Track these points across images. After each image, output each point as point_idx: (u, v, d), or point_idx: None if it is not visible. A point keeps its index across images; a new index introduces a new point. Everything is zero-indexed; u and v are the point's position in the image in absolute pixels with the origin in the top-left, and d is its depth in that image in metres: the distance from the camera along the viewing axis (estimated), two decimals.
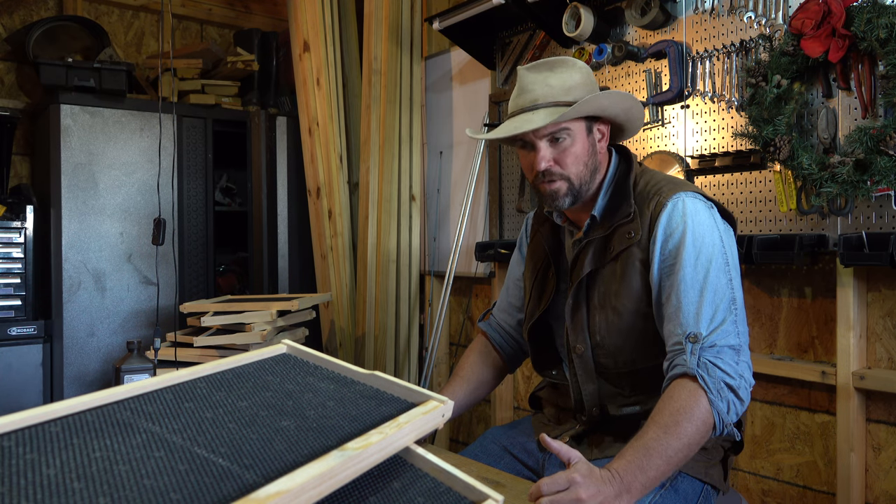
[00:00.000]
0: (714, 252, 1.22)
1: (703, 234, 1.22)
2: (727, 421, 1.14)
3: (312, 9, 2.95)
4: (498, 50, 2.60)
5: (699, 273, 1.20)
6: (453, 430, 2.95)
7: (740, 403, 1.16)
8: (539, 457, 1.43)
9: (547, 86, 1.30)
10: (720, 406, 1.13)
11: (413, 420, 0.81)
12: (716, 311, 1.18)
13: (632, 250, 1.28)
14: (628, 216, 1.29)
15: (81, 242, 2.75)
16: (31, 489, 0.59)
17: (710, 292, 1.19)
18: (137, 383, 0.83)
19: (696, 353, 1.15)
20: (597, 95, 1.29)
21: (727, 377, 1.14)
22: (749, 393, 1.18)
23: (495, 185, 2.63)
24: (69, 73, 2.69)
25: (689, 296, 1.19)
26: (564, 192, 1.31)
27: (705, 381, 1.13)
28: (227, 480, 0.64)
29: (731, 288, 1.22)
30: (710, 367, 1.14)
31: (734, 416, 1.15)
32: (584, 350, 1.33)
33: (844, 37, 1.58)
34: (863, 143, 1.54)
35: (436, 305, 2.83)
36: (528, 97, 1.31)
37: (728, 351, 1.17)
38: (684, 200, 1.26)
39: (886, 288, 1.67)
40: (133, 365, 2.29)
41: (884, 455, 1.68)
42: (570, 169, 1.30)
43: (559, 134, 1.29)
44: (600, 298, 1.31)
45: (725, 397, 1.14)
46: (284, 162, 3.20)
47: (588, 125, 1.32)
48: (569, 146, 1.30)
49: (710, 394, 1.13)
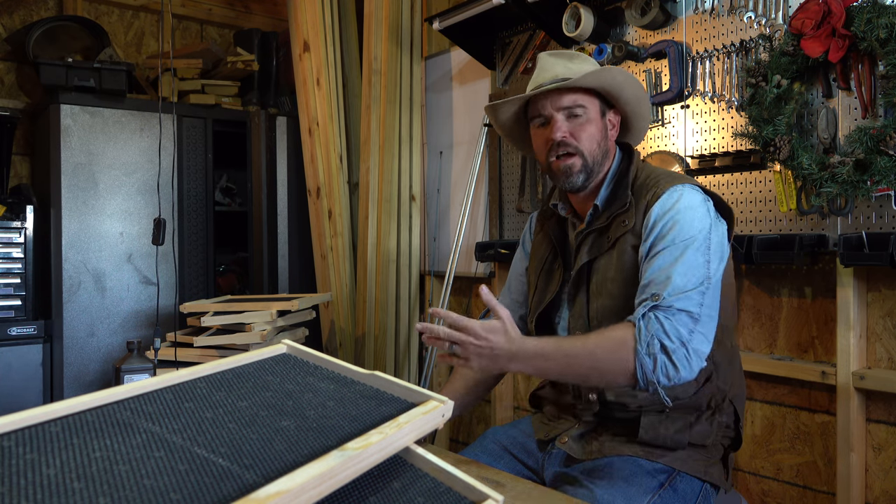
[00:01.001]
0: (697, 235, 1.24)
1: (691, 220, 1.25)
2: (650, 378, 1.16)
3: (312, 9, 2.95)
4: (498, 50, 2.60)
5: (676, 249, 1.23)
6: (453, 430, 2.95)
7: (673, 369, 1.16)
8: (539, 456, 1.43)
9: (566, 68, 1.37)
10: (645, 360, 1.15)
11: (413, 420, 0.81)
12: (685, 283, 1.20)
13: (626, 237, 1.32)
14: (624, 206, 1.33)
15: (81, 242, 2.75)
16: (31, 489, 0.59)
17: (682, 265, 1.21)
18: (137, 383, 0.83)
19: (647, 307, 1.18)
20: (613, 68, 1.36)
21: (665, 337, 1.16)
22: (692, 364, 1.17)
23: (495, 185, 2.63)
24: (69, 73, 2.69)
25: (664, 266, 1.22)
26: (579, 169, 1.35)
27: (640, 331, 1.16)
28: (227, 480, 0.64)
29: (706, 269, 1.23)
30: (651, 322, 1.17)
31: (663, 377, 1.16)
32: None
33: (844, 37, 1.58)
34: (863, 143, 1.54)
35: (436, 305, 2.83)
36: (548, 74, 1.38)
37: (683, 316, 1.17)
38: (680, 191, 1.29)
39: (886, 288, 1.67)
40: (133, 365, 2.29)
41: (884, 455, 1.68)
42: (584, 144, 1.35)
43: (576, 108, 1.35)
44: (598, 285, 1.34)
45: (654, 353, 1.15)
46: (284, 162, 3.20)
47: (602, 108, 1.39)
48: (584, 122, 1.35)
49: (638, 343, 1.16)
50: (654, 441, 1.28)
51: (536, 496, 1.10)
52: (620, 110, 1.43)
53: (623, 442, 1.31)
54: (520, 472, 1.41)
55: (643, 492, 1.23)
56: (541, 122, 1.39)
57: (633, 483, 1.24)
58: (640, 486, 1.24)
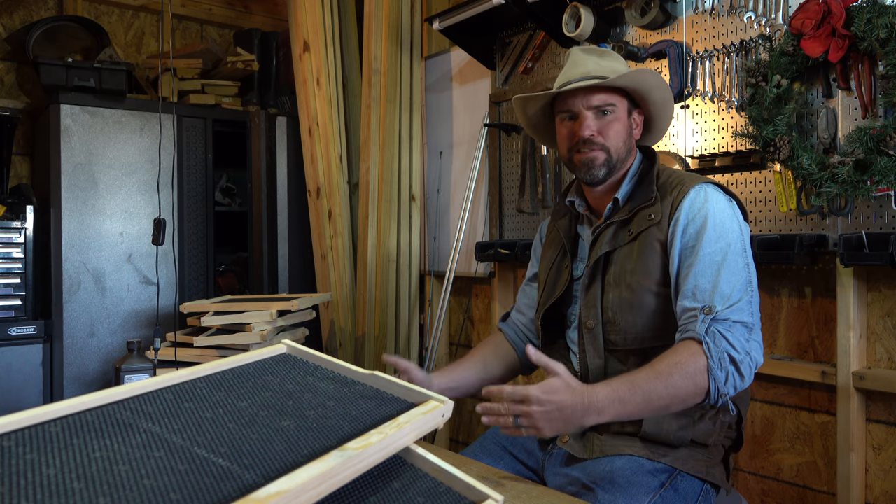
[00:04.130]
0: (733, 238, 1.26)
1: (723, 221, 1.27)
2: (723, 391, 1.18)
3: (312, 9, 2.95)
4: (498, 50, 2.60)
5: (717, 255, 1.24)
6: (453, 430, 2.95)
7: (740, 379, 1.19)
8: (539, 456, 1.43)
9: (598, 65, 1.38)
10: (718, 374, 1.17)
11: (413, 420, 0.81)
12: (732, 290, 1.22)
13: (651, 230, 1.32)
14: (650, 199, 1.34)
15: (81, 242, 2.75)
16: (31, 489, 0.59)
17: (727, 272, 1.23)
18: (137, 383, 0.83)
19: (707, 323, 1.20)
20: (646, 70, 1.37)
21: (732, 350, 1.18)
22: (752, 371, 1.21)
23: (495, 185, 2.63)
24: (69, 73, 2.69)
25: (707, 274, 1.23)
26: (601, 162, 1.37)
27: (709, 347, 1.17)
28: (227, 480, 0.64)
29: (747, 272, 1.26)
30: (717, 337, 1.18)
31: (731, 389, 1.19)
32: (594, 325, 1.36)
33: (844, 37, 1.58)
34: (863, 143, 1.54)
35: (436, 305, 2.83)
36: (580, 70, 1.39)
37: (739, 327, 1.20)
38: (706, 190, 1.31)
39: (886, 288, 1.67)
40: (133, 365, 2.29)
41: (884, 455, 1.68)
42: (612, 141, 1.37)
43: (606, 107, 1.37)
44: (615, 276, 1.35)
45: (726, 368, 1.17)
46: (284, 162, 3.20)
47: (629, 108, 1.41)
48: (613, 120, 1.37)
49: (710, 360, 1.17)
50: (656, 437, 1.28)
51: (536, 496, 1.10)
52: (645, 111, 1.45)
53: (625, 440, 1.31)
54: (520, 472, 1.41)
55: (644, 491, 1.23)
56: (568, 116, 1.40)
57: (633, 482, 1.24)
58: (641, 486, 1.24)
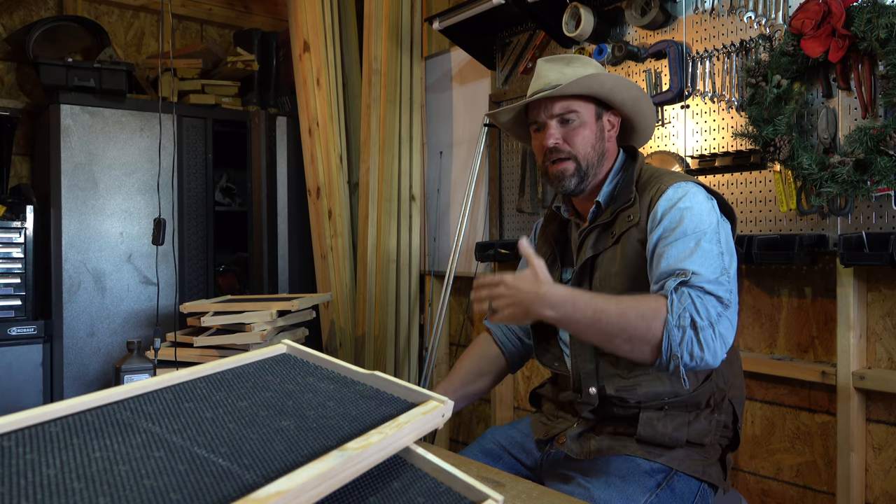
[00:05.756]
0: (707, 229, 1.23)
1: (699, 213, 1.25)
2: (675, 351, 1.12)
3: (312, 9, 2.95)
4: (498, 50, 2.60)
5: (690, 241, 1.21)
6: (453, 430, 2.95)
7: (698, 348, 1.12)
8: (538, 456, 1.43)
9: (561, 73, 1.38)
10: (674, 332, 1.12)
11: (413, 420, 0.81)
12: (704, 272, 1.17)
13: (631, 232, 1.32)
14: (629, 201, 1.34)
15: (81, 242, 2.75)
16: (31, 489, 0.59)
17: (699, 255, 1.19)
18: (137, 383, 0.83)
19: (678, 282, 1.16)
20: (601, 74, 1.35)
21: (696, 314, 1.13)
22: (716, 347, 1.14)
23: (495, 185, 2.63)
24: (69, 73, 2.69)
25: (679, 256, 1.20)
26: (571, 173, 1.37)
27: (672, 303, 1.14)
28: (227, 480, 0.64)
29: (721, 261, 1.21)
30: (684, 296, 1.14)
31: (686, 354, 1.12)
32: None
33: (844, 37, 1.58)
34: (863, 143, 1.54)
35: (436, 305, 2.83)
36: (542, 81, 1.39)
37: (712, 299, 1.15)
38: (684, 187, 1.30)
39: (886, 288, 1.67)
40: (133, 365, 2.29)
41: (884, 455, 1.68)
42: (578, 149, 1.36)
43: (568, 115, 1.36)
44: (601, 280, 1.35)
45: (683, 327, 1.12)
46: (284, 162, 3.20)
47: (598, 111, 1.39)
48: (577, 126, 1.37)
49: (670, 314, 1.13)
50: (652, 438, 1.28)
51: (536, 496, 1.10)
52: (618, 111, 1.43)
53: (621, 441, 1.31)
54: (519, 472, 1.41)
55: (641, 491, 1.23)
56: (536, 127, 1.42)
57: (630, 482, 1.24)
58: (638, 486, 1.24)
